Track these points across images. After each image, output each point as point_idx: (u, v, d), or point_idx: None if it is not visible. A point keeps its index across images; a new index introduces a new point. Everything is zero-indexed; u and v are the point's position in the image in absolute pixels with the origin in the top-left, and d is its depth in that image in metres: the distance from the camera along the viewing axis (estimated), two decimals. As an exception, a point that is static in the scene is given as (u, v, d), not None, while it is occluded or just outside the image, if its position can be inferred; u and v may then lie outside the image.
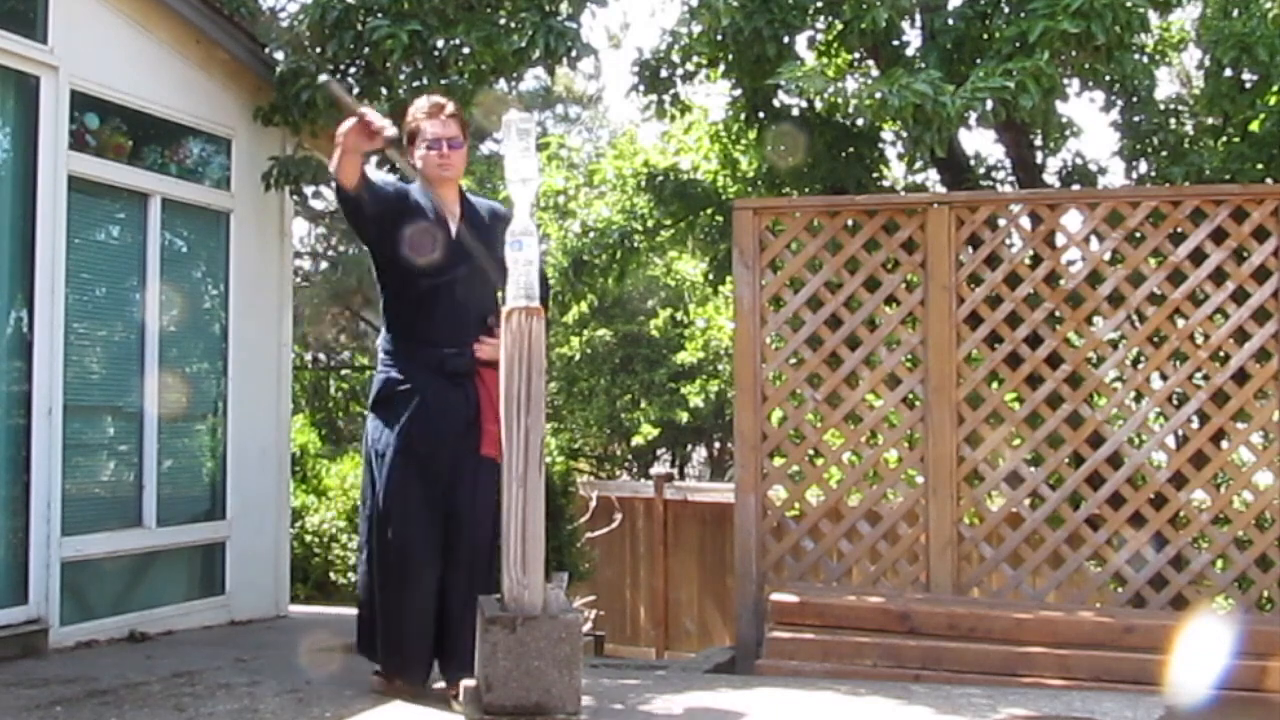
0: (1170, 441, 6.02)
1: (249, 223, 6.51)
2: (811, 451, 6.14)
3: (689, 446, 16.56)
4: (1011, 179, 8.01)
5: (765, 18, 6.75)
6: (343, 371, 15.94)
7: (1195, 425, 5.73)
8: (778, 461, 6.08)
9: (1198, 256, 5.56)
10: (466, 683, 3.53)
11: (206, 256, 6.37)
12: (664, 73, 7.89)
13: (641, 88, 7.98)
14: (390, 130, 3.73)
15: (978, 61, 6.46)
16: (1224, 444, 5.74)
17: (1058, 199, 6.29)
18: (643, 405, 14.17)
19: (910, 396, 6.07)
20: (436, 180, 4.04)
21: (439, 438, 3.92)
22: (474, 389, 3.95)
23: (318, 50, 6.36)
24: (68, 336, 5.33)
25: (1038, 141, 7.86)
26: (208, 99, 6.27)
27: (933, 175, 8.32)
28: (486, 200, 4.31)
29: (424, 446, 3.91)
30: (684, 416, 13.91)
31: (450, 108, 4.10)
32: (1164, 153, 7.38)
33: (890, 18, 6.34)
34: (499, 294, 3.88)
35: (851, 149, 7.93)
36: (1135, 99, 7.59)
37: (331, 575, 8.98)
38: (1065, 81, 6.47)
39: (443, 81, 6.32)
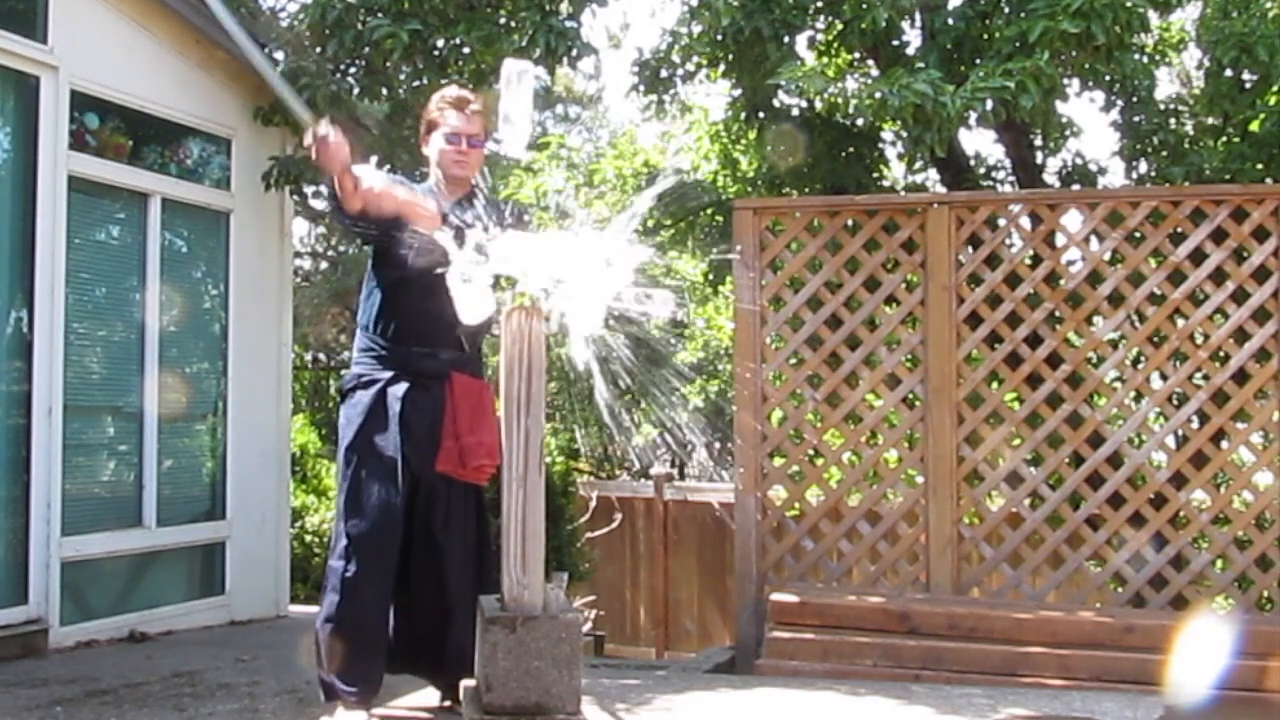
0: (1170, 441, 6.02)
1: (249, 223, 6.51)
2: (811, 451, 6.14)
3: (689, 447, 16.55)
4: (1011, 179, 8.01)
5: (765, 18, 6.75)
6: (342, 372, 15.95)
7: (1195, 425, 5.73)
8: (778, 461, 6.08)
9: (1198, 256, 5.56)
10: (466, 683, 3.52)
11: (206, 256, 6.36)
12: (664, 73, 7.88)
13: (641, 88, 7.98)
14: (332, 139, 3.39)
15: (978, 61, 6.46)
16: (1224, 444, 5.74)
17: (1058, 199, 6.29)
18: (642, 405, 14.15)
19: (910, 396, 6.07)
20: (449, 177, 3.83)
21: (399, 437, 3.69)
22: (441, 398, 3.73)
23: (318, 50, 6.36)
24: (68, 336, 5.33)
25: (1038, 141, 7.86)
26: (208, 99, 6.27)
27: (933, 175, 8.32)
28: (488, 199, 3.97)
29: (383, 444, 3.69)
30: (684, 417, 13.89)
31: (476, 104, 3.85)
32: (1164, 153, 7.38)
33: (890, 18, 6.34)
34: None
35: (851, 149, 7.93)
36: (1135, 99, 7.59)
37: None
38: (1065, 81, 6.46)
39: (443, 81, 6.32)
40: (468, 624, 3.55)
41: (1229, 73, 6.71)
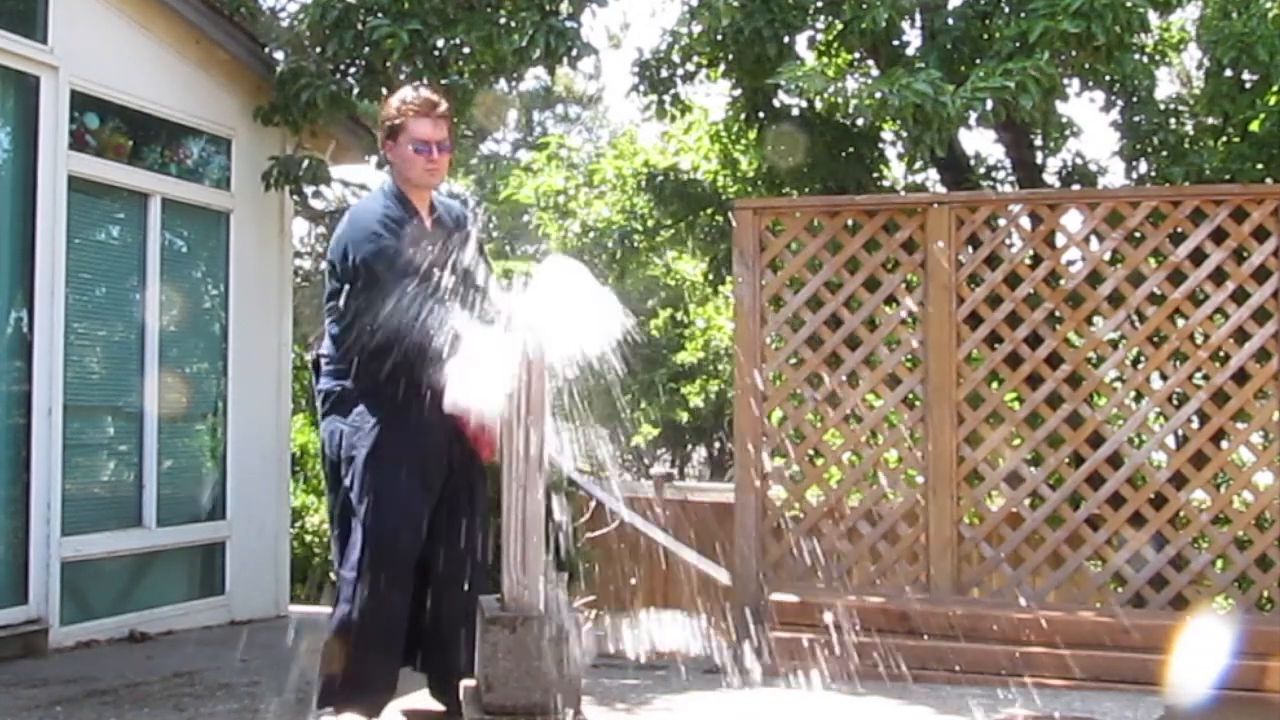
0: (1170, 441, 6.02)
1: (249, 223, 6.51)
2: (811, 451, 6.13)
3: (689, 446, 16.57)
4: (1011, 179, 8.02)
5: (765, 18, 6.76)
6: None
7: (1195, 425, 5.72)
8: (778, 461, 6.08)
9: (1198, 256, 5.55)
10: (466, 683, 3.53)
11: (206, 256, 6.37)
12: (664, 73, 7.90)
13: (642, 88, 7.99)
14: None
15: (978, 61, 6.47)
16: (1224, 444, 5.73)
17: (1058, 199, 6.29)
18: (643, 405, 14.17)
19: (910, 396, 6.06)
20: (419, 185, 3.77)
21: (423, 443, 3.65)
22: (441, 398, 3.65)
23: (318, 50, 6.36)
24: (68, 336, 5.33)
25: (1038, 141, 7.87)
26: (208, 99, 6.27)
27: (933, 175, 8.32)
28: (444, 199, 3.99)
29: (407, 451, 3.63)
30: (684, 416, 13.92)
31: (444, 107, 3.78)
32: (1164, 153, 7.38)
33: (890, 18, 6.35)
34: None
35: (851, 149, 7.94)
36: (1135, 99, 7.60)
37: (331, 575, 8.97)
38: (1065, 81, 6.47)
39: (443, 81, 6.33)
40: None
41: (1229, 73, 6.71)
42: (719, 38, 7.06)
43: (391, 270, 3.60)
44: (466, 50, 6.30)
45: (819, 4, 6.97)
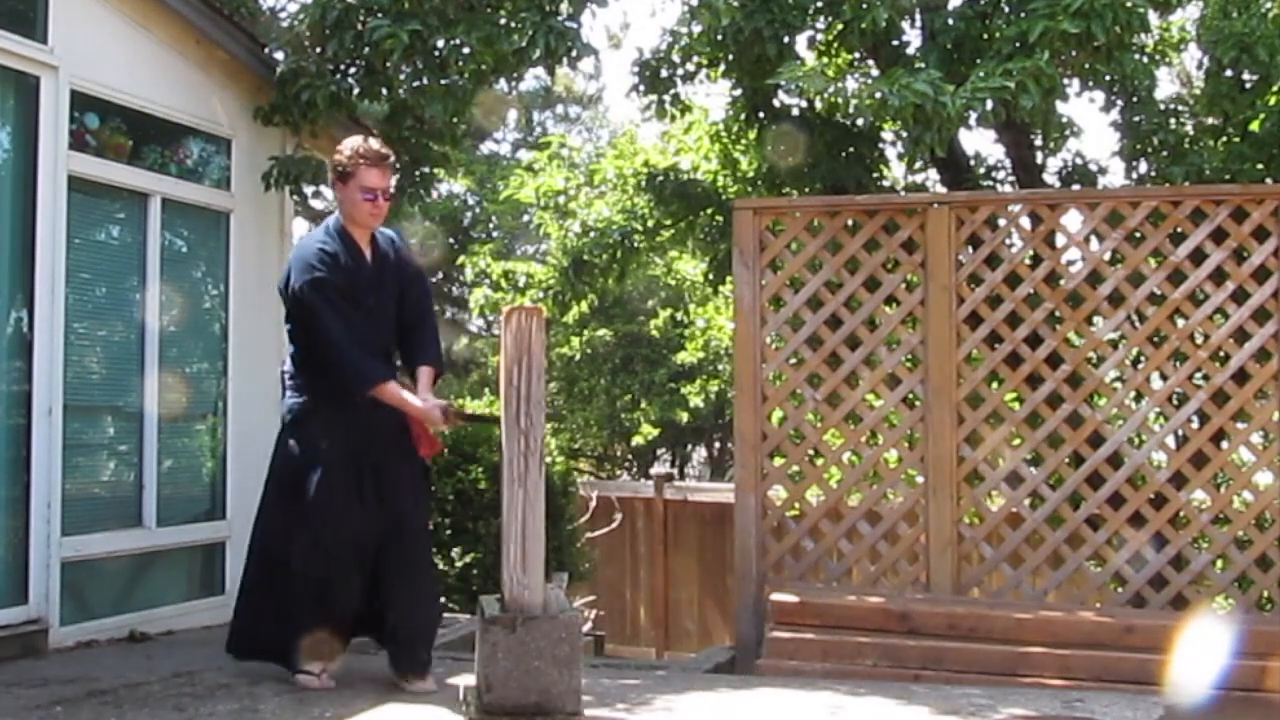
0: (1170, 441, 6.02)
1: (249, 223, 6.50)
2: (811, 451, 6.14)
3: (689, 446, 16.56)
4: (1011, 179, 8.02)
5: (765, 18, 6.76)
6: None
7: (1195, 425, 5.73)
8: (778, 461, 6.08)
9: (1198, 256, 5.56)
10: (467, 683, 3.53)
11: (206, 256, 6.36)
12: (664, 73, 7.89)
13: (642, 88, 7.99)
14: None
15: (978, 61, 6.46)
16: (1224, 444, 5.74)
17: (1058, 199, 6.29)
18: (643, 405, 14.16)
19: (910, 396, 6.07)
20: (363, 226, 4.32)
21: (370, 440, 4.22)
22: (388, 406, 4.22)
23: (318, 50, 6.36)
24: (68, 336, 5.32)
25: (1038, 141, 7.87)
26: (208, 99, 6.26)
27: (933, 175, 8.32)
28: (382, 231, 4.48)
29: (360, 447, 4.20)
30: (684, 416, 13.91)
31: (391, 158, 4.35)
32: (1164, 153, 7.38)
33: (890, 18, 6.35)
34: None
35: (851, 149, 7.93)
36: (1135, 99, 7.59)
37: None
38: (1065, 81, 6.47)
39: (443, 81, 6.33)
40: (430, 592, 4.34)
41: (1229, 73, 6.71)
42: (719, 38, 7.05)
43: (325, 299, 4.18)
44: (466, 50, 6.29)
45: (819, 4, 6.96)
